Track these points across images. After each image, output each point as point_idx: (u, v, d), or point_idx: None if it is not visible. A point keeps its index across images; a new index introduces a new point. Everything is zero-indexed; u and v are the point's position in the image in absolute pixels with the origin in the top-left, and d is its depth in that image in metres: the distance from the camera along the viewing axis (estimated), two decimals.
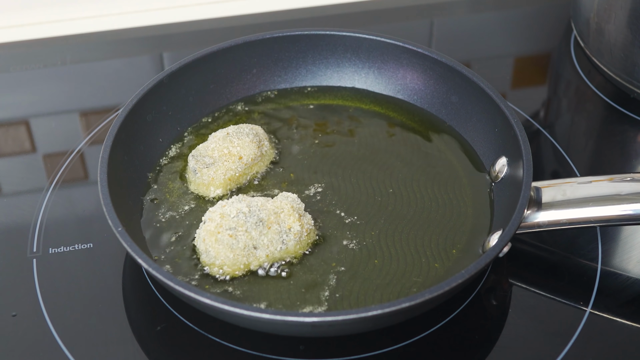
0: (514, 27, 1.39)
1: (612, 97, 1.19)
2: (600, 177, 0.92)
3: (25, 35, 1.32)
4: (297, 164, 1.04)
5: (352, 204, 0.98)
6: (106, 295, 0.93)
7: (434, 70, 1.09)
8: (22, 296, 0.93)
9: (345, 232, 0.95)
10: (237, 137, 1.01)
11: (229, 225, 0.90)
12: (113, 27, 1.34)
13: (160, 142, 1.05)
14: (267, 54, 1.12)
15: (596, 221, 0.90)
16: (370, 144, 1.07)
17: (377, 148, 1.06)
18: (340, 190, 1.00)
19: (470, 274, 0.82)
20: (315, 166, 1.04)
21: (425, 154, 1.05)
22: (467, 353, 0.89)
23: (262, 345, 0.87)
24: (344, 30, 1.12)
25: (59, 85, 1.24)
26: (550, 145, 1.13)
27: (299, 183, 1.01)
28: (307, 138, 1.08)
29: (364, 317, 0.79)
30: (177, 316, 0.90)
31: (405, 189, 1.00)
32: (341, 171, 1.03)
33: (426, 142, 1.07)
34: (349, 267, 0.91)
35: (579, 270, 0.96)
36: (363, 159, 1.05)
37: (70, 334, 0.89)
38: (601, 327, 0.90)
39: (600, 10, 1.18)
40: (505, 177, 0.98)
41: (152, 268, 0.83)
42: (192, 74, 1.08)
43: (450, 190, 1.00)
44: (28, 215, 1.01)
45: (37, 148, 1.13)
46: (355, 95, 1.14)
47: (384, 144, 1.07)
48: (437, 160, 1.04)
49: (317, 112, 1.11)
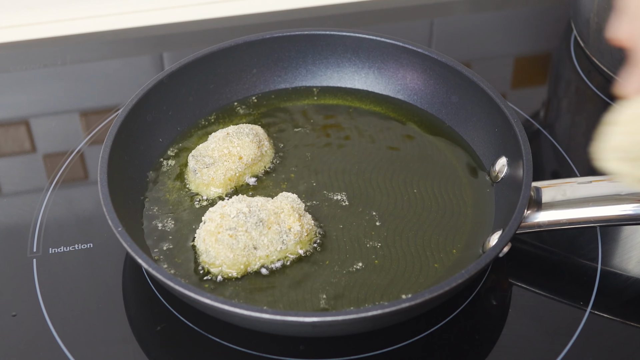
0: (514, 27, 1.38)
1: (612, 97, 1.19)
2: (600, 177, 0.92)
3: (25, 35, 1.32)
4: (297, 164, 1.04)
5: (351, 204, 0.98)
6: (106, 295, 0.93)
7: (434, 70, 1.09)
8: (22, 296, 0.93)
9: (345, 232, 0.95)
10: (237, 137, 1.01)
11: (229, 225, 0.90)
12: (113, 27, 1.34)
13: (160, 142, 1.05)
14: (267, 54, 1.12)
15: (596, 221, 0.90)
16: (370, 144, 1.07)
17: (376, 148, 1.06)
18: (340, 190, 1.00)
19: (470, 274, 0.82)
20: (315, 166, 1.04)
21: (425, 154, 1.05)
22: (467, 353, 0.89)
23: (262, 345, 0.87)
24: (344, 30, 1.12)
25: (59, 85, 1.24)
26: (550, 145, 1.13)
27: (299, 183, 1.01)
28: (307, 138, 1.08)
29: (364, 317, 0.79)
30: (177, 316, 0.90)
31: (405, 189, 1.00)
32: (341, 171, 1.03)
33: (426, 142, 1.07)
34: (349, 267, 0.91)
35: (579, 270, 0.96)
36: (363, 159, 1.05)
37: (70, 334, 0.89)
38: (601, 327, 0.90)
39: (600, 10, 1.18)
40: (505, 177, 0.98)
41: (152, 268, 0.83)
42: (192, 74, 1.08)
43: (450, 190, 1.00)
44: (28, 215, 1.01)
45: (37, 148, 1.13)
46: (355, 95, 1.14)
47: (384, 144, 1.07)
48: (437, 160, 1.04)
49: (317, 112, 1.11)
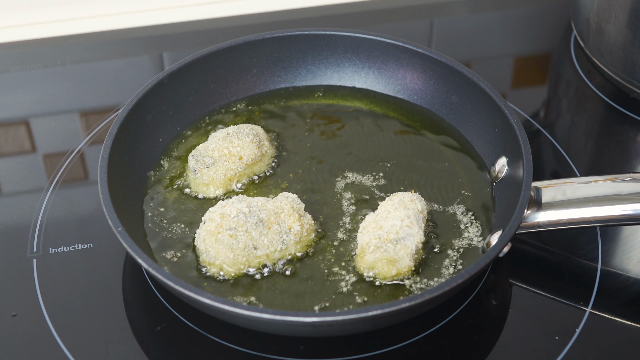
0: (514, 27, 1.38)
1: (612, 97, 1.19)
2: (600, 177, 0.92)
3: (25, 35, 1.32)
4: (297, 164, 1.04)
5: (351, 203, 0.98)
6: (106, 295, 0.93)
7: (434, 70, 1.09)
8: (22, 296, 0.93)
9: (346, 232, 0.95)
10: (237, 137, 1.02)
11: (229, 225, 0.90)
12: (113, 27, 1.34)
13: (160, 142, 1.05)
14: (267, 54, 1.12)
15: (596, 221, 0.90)
16: (370, 144, 1.07)
17: (376, 148, 1.06)
18: (340, 189, 1.00)
19: (470, 274, 0.82)
20: (315, 166, 1.04)
21: (426, 154, 1.05)
22: (467, 353, 0.89)
23: (262, 345, 0.87)
24: (344, 30, 1.12)
25: (59, 85, 1.24)
26: (550, 145, 1.13)
27: (299, 183, 1.01)
28: (307, 138, 1.08)
29: (364, 317, 0.79)
30: (177, 316, 0.90)
31: (405, 188, 1.00)
32: (341, 171, 1.03)
33: (426, 142, 1.07)
34: (349, 267, 0.91)
35: (579, 270, 0.96)
36: (363, 159, 1.05)
37: (70, 334, 0.89)
38: (601, 327, 0.90)
39: (600, 10, 1.18)
40: (505, 177, 0.98)
41: (152, 268, 0.83)
42: (192, 74, 1.08)
43: (450, 190, 1.00)
44: (28, 215, 1.01)
45: (37, 148, 1.13)
46: (355, 95, 1.14)
47: (384, 144, 1.07)
48: (437, 160, 1.04)
49: (317, 112, 1.11)
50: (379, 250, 0.88)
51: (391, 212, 0.91)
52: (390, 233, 0.89)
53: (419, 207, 0.93)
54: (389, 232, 0.89)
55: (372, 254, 0.89)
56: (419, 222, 0.91)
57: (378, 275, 0.89)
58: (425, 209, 0.94)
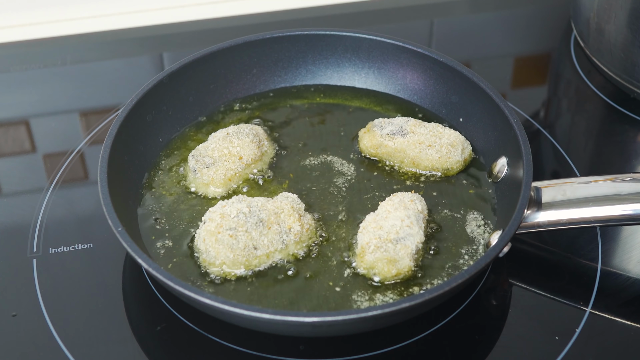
0: (514, 27, 1.39)
1: (612, 97, 1.19)
2: (600, 177, 0.92)
3: (25, 35, 1.32)
4: (297, 164, 1.04)
5: (352, 203, 0.98)
6: (106, 295, 0.93)
7: (434, 70, 1.09)
8: (22, 296, 0.93)
9: (346, 232, 0.95)
10: (237, 137, 1.02)
11: (229, 225, 0.90)
12: (113, 27, 1.34)
13: (160, 142, 1.05)
14: (267, 54, 1.12)
15: (596, 221, 0.90)
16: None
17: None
18: (341, 189, 1.00)
19: (470, 274, 0.82)
20: (315, 166, 1.04)
21: None
22: (467, 353, 0.89)
23: (262, 345, 0.87)
24: (344, 30, 1.12)
25: (59, 85, 1.24)
26: (550, 145, 1.13)
27: (299, 183, 1.01)
28: (307, 138, 1.08)
29: (364, 317, 0.79)
30: (177, 316, 0.90)
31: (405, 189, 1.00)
32: (341, 171, 1.03)
33: None
34: (349, 267, 0.91)
35: (579, 270, 0.96)
36: (363, 158, 1.05)
37: (70, 334, 0.89)
38: (601, 327, 0.90)
39: (600, 10, 1.18)
40: (505, 177, 0.98)
41: (152, 268, 0.83)
42: (192, 74, 1.08)
43: (450, 190, 1.00)
44: (28, 215, 1.01)
45: (37, 148, 1.13)
46: (355, 95, 1.14)
47: None
48: None
49: (317, 112, 1.11)
50: (379, 250, 0.89)
51: (391, 212, 0.91)
52: (390, 233, 0.89)
53: (419, 207, 0.93)
54: (389, 232, 0.89)
55: (372, 254, 0.89)
56: (419, 222, 0.91)
57: (378, 275, 0.89)
58: (425, 209, 0.94)
